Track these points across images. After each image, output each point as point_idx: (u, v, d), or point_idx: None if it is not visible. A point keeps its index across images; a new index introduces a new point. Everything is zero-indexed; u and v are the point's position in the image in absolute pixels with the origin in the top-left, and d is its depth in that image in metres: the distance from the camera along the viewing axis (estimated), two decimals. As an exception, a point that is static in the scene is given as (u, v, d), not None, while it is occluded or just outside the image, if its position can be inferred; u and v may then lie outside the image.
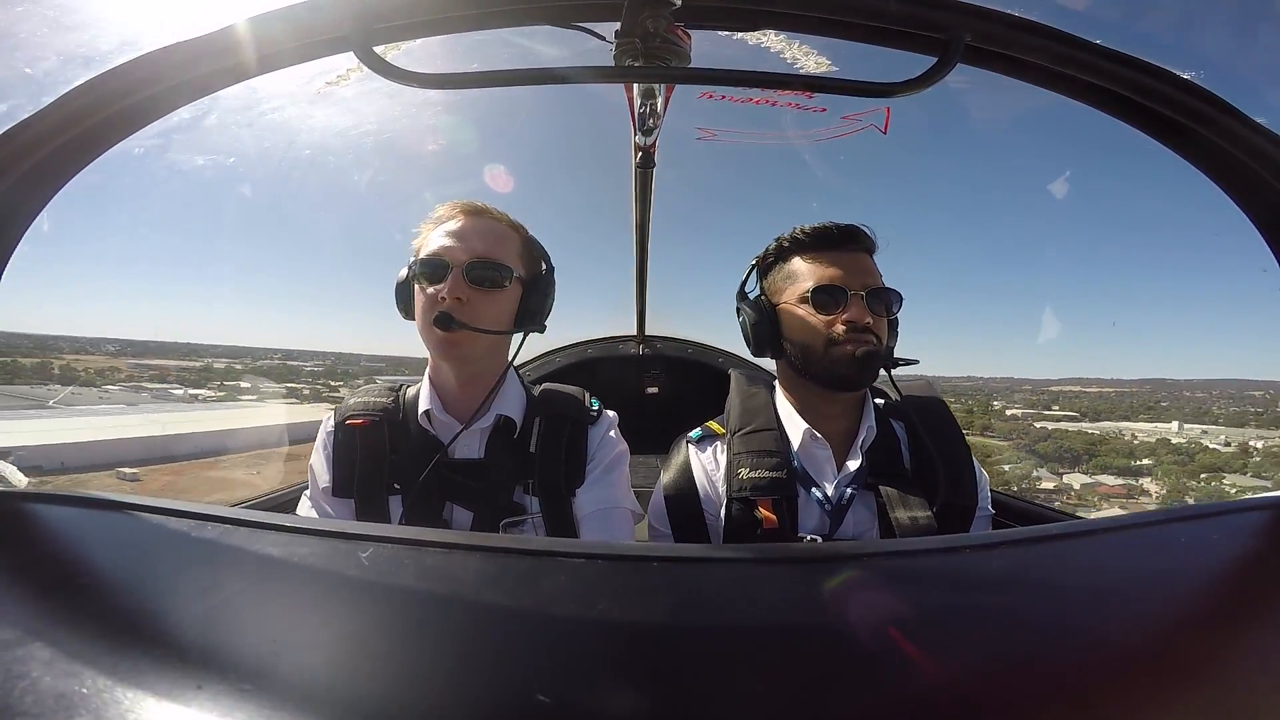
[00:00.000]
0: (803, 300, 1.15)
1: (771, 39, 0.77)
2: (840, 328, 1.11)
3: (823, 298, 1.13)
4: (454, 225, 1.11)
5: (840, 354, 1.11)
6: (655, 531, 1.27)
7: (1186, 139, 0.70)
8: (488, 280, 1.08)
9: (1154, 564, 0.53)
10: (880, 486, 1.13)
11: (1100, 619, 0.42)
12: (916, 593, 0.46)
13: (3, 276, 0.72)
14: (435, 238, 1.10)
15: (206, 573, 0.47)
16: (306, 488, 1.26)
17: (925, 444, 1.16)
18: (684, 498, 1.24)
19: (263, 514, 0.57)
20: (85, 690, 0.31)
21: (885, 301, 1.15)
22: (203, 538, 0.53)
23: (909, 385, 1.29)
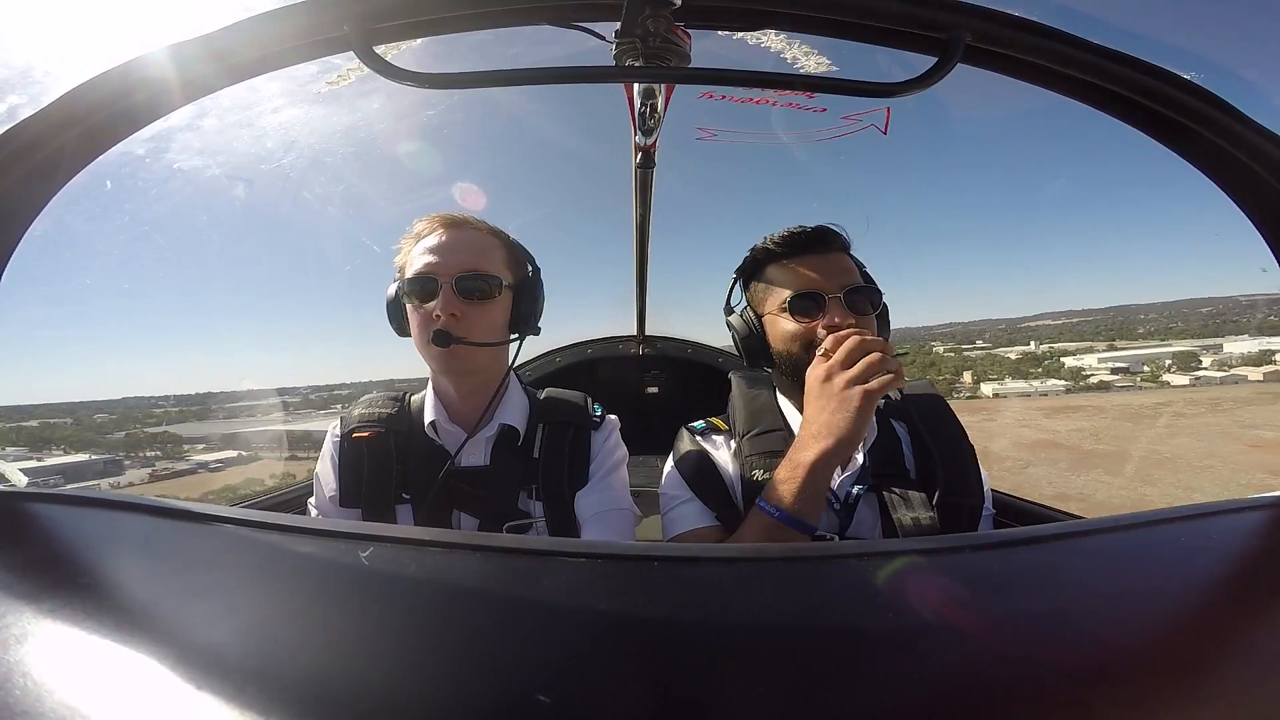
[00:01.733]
0: (783, 309, 1.15)
1: (771, 39, 0.77)
2: (822, 333, 1.11)
3: (801, 304, 1.13)
4: (435, 240, 1.11)
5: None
6: (672, 498, 1.20)
7: (1186, 139, 0.70)
8: (478, 292, 1.08)
9: (1154, 564, 0.52)
10: (882, 487, 1.13)
11: (1100, 619, 0.42)
12: (917, 592, 0.46)
13: (3, 276, 0.72)
14: (418, 254, 1.10)
15: (207, 573, 0.47)
16: (305, 489, 1.26)
17: (927, 444, 1.16)
18: (699, 463, 1.20)
19: (263, 514, 0.57)
20: (85, 690, 0.31)
21: (866, 299, 1.14)
22: (203, 538, 0.53)
23: (909, 385, 1.29)
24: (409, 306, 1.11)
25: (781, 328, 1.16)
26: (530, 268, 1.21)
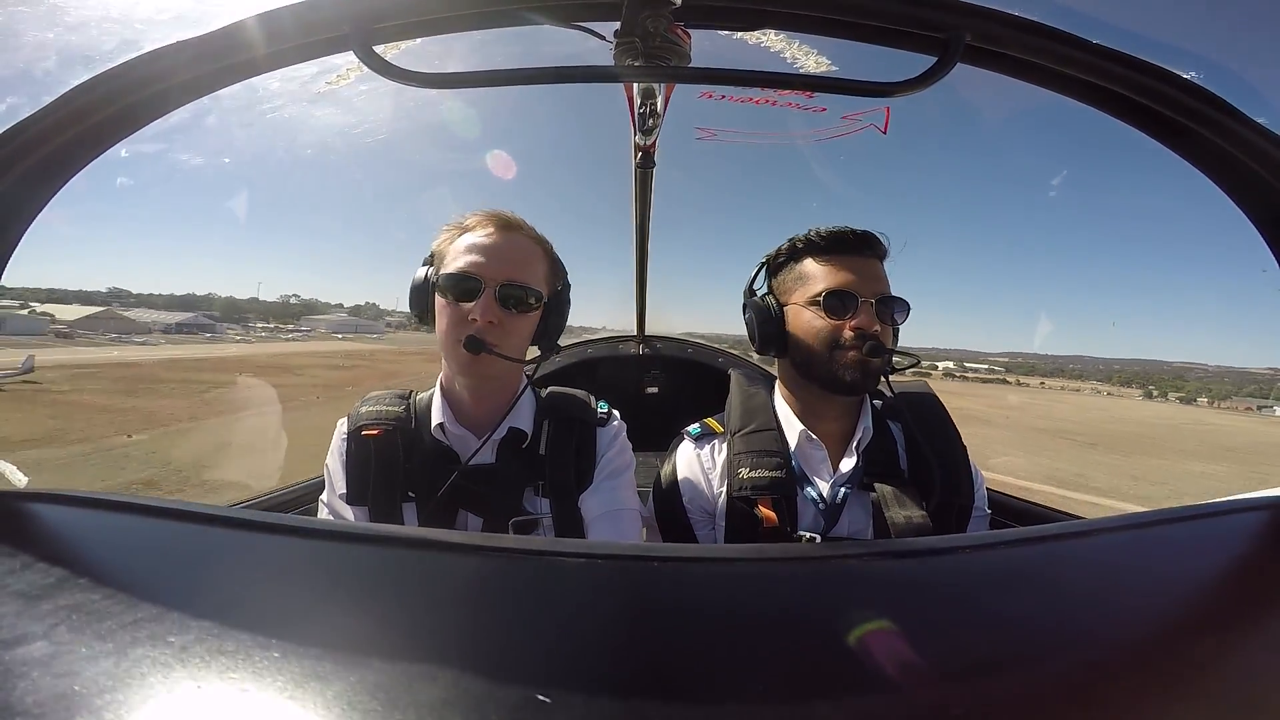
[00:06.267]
0: (813, 302, 1.15)
1: (771, 39, 0.77)
2: (848, 333, 1.11)
3: (834, 302, 1.13)
4: (485, 240, 1.09)
5: (845, 359, 1.12)
6: (648, 526, 1.29)
7: (1186, 139, 0.70)
8: (518, 303, 1.07)
9: (1154, 564, 0.53)
10: (876, 486, 1.13)
11: (1099, 619, 0.42)
12: (916, 592, 0.46)
13: (3, 276, 0.72)
14: (464, 250, 1.08)
15: (207, 573, 0.47)
16: (304, 488, 1.26)
17: (922, 445, 1.16)
18: (670, 498, 1.27)
19: (263, 514, 0.57)
20: (85, 690, 0.31)
21: (893, 310, 1.15)
22: (203, 538, 0.53)
23: (907, 386, 1.30)
24: (441, 300, 1.09)
25: (807, 320, 1.17)
26: (562, 283, 1.20)
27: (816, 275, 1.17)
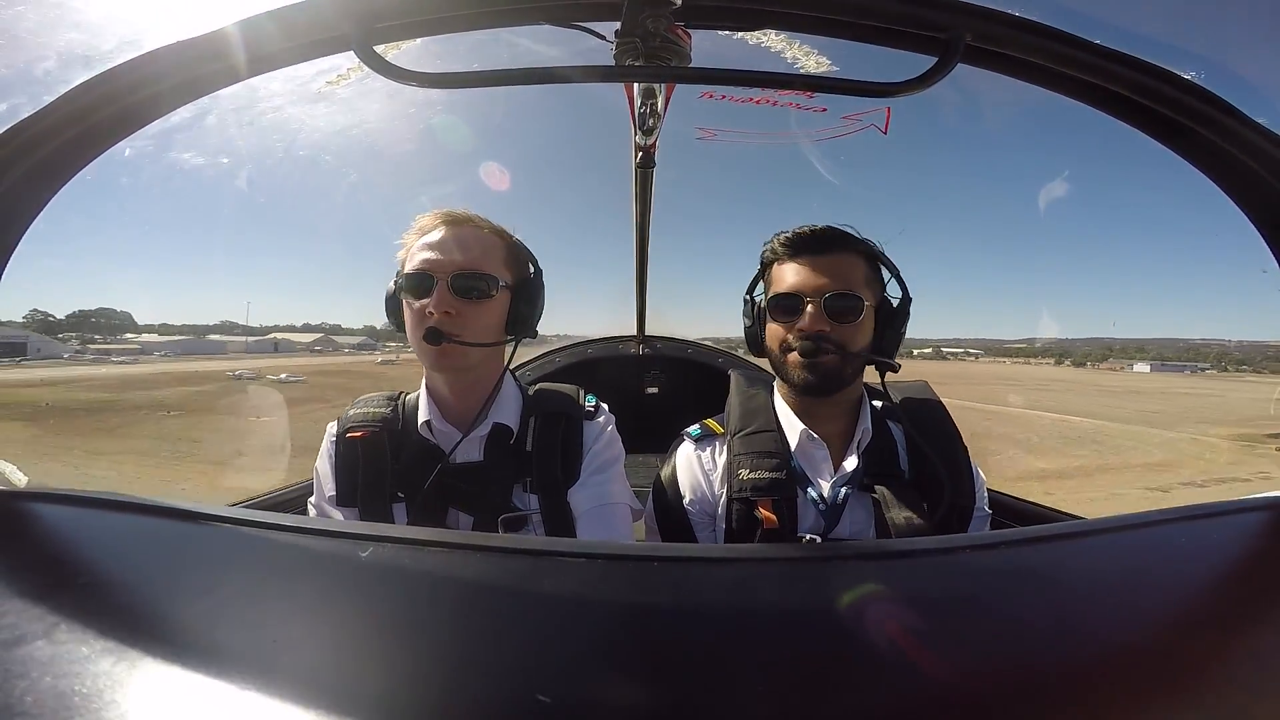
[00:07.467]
0: (769, 308, 1.17)
1: (771, 39, 0.77)
2: (793, 335, 1.12)
3: (779, 305, 1.14)
4: (436, 236, 1.11)
5: (793, 361, 1.12)
6: (648, 527, 1.30)
7: (1186, 139, 0.70)
8: (474, 291, 1.08)
9: (1154, 564, 0.53)
10: (876, 487, 1.13)
11: (1099, 619, 0.42)
12: (916, 592, 0.46)
13: (3, 276, 0.72)
14: (418, 250, 1.10)
15: (206, 573, 0.47)
16: (305, 488, 1.26)
17: (922, 446, 1.16)
18: (670, 500, 1.27)
19: (263, 514, 0.57)
20: (85, 690, 0.31)
21: (847, 306, 1.11)
22: (203, 538, 0.53)
23: (907, 388, 1.29)
24: (404, 302, 1.11)
25: (769, 326, 1.18)
26: (531, 269, 1.21)
27: (779, 279, 1.18)
